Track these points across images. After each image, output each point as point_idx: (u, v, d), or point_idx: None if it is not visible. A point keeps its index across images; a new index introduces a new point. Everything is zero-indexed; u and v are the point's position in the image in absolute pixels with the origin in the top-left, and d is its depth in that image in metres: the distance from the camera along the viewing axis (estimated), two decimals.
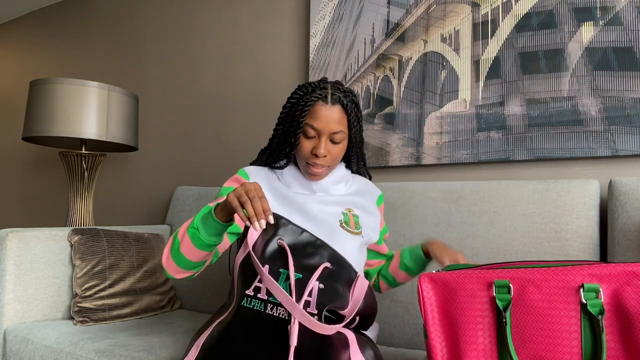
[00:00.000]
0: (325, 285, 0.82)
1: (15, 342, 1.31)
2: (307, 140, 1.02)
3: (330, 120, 0.99)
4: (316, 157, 1.01)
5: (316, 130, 1.00)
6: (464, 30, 1.49)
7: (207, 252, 0.92)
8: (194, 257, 0.92)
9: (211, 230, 0.88)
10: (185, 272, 0.96)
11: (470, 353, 0.74)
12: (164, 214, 2.22)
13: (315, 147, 1.00)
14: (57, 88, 1.79)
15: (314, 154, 1.01)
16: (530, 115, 1.38)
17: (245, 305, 0.82)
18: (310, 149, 1.01)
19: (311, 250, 0.87)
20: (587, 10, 1.32)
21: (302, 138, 1.02)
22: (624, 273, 0.68)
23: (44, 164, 2.76)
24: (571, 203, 1.20)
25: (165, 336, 1.27)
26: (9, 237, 1.37)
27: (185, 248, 0.91)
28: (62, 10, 2.75)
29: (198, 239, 0.89)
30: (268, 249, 0.85)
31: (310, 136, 1.01)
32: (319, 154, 0.99)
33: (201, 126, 2.13)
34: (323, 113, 0.99)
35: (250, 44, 2.00)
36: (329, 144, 1.01)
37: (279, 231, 0.88)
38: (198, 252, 0.91)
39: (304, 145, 1.02)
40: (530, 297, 0.71)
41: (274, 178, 1.08)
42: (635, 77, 1.25)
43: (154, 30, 2.33)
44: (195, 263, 0.94)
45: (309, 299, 0.81)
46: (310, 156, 1.01)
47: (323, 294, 0.81)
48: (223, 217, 0.88)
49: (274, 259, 0.84)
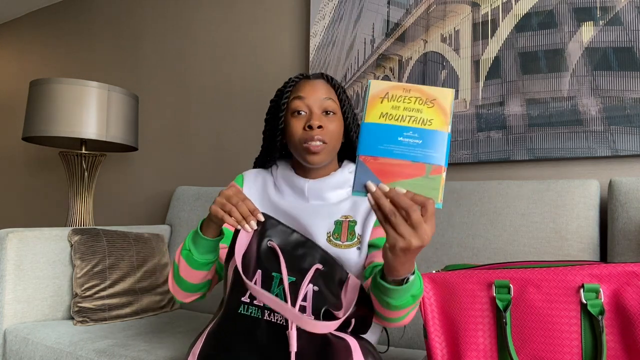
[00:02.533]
0: (319, 287, 0.80)
1: (15, 342, 1.31)
2: (296, 119, 0.94)
3: (317, 88, 0.94)
4: (311, 130, 0.92)
5: (303, 100, 0.93)
6: (464, 30, 1.49)
7: (205, 271, 0.89)
8: (195, 279, 0.89)
9: (203, 248, 0.86)
10: (193, 295, 0.93)
11: (471, 353, 0.74)
12: (164, 214, 2.22)
13: (308, 120, 0.92)
14: (57, 88, 1.79)
15: (307, 128, 0.92)
16: (530, 115, 1.38)
17: (243, 312, 0.80)
18: (302, 125, 0.93)
19: (302, 251, 0.84)
20: (587, 10, 1.32)
21: (291, 119, 0.94)
22: (624, 273, 0.68)
23: (44, 164, 2.76)
24: (571, 203, 1.20)
25: (165, 336, 1.27)
26: (9, 237, 1.37)
27: (184, 271, 0.88)
28: (62, 10, 2.75)
29: (192, 260, 0.86)
30: (260, 251, 0.83)
31: (300, 111, 0.94)
32: (313, 125, 0.91)
33: (201, 126, 2.13)
34: (308, 85, 0.95)
35: (251, 44, 2.00)
36: (322, 116, 0.94)
37: (268, 232, 0.84)
38: (197, 273, 0.88)
39: (295, 125, 0.94)
40: (531, 297, 0.71)
41: (269, 183, 1.03)
42: (635, 77, 1.25)
43: (154, 30, 2.33)
44: (199, 285, 0.91)
45: (304, 304, 0.79)
46: (303, 134, 0.93)
47: (318, 297, 0.79)
48: (212, 233, 0.85)
49: (266, 261, 0.82)
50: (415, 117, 0.65)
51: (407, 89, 0.65)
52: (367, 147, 0.65)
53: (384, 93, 0.65)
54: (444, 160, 0.64)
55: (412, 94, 0.65)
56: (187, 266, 0.87)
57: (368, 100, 0.65)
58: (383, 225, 0.64)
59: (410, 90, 0.65)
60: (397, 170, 0.64)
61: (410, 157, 0.65)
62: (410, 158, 0.64)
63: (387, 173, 0.64)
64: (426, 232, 0.62)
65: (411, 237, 0.61)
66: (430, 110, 0.65)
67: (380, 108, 0.65)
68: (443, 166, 0.64)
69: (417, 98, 0.65)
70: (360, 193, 0.64)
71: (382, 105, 0.65)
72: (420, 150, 0.65)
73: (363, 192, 0.64)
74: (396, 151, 0.65)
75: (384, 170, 0.64)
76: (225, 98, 2.06)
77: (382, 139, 0.65)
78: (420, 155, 0.65)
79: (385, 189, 0.63)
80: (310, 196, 0.97)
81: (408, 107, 0.65)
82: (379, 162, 0.65)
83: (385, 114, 0.65)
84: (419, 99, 0.65)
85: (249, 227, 0.80)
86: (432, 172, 0.65)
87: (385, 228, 0.63)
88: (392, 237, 0.62)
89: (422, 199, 0.62)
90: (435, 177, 0.65)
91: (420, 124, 0.65)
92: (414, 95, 0.65)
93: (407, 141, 0.65)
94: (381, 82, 0.65)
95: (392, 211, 0.62)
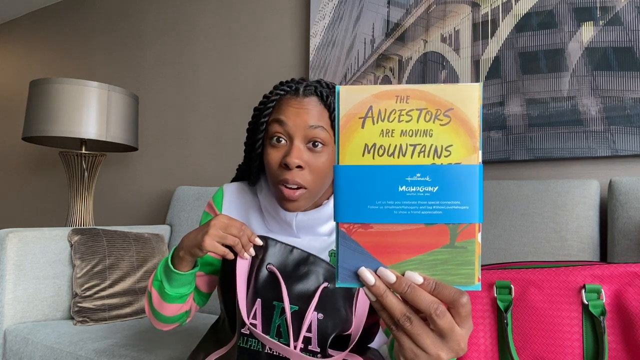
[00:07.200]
0: (324, 313, 0.73)
1: (15, 342, 1.31)
2: (273, 149, 0.73)
3: (303, 111, 0.71)
4: (287, 169, 0.71)
5: (283, 126, 0.72)
6: (464, 30, 1.49)
7: (180, 304, 0.80)
8: (168, 312, 0.80)
9: (176, 282, 0.76)
10: (171, 325, 0.85)
11: (471, 354, 0.74)
12: (164, 214, 2.22)
13: (285, 156, 0.71)
14: (57, 88, 1.79)
15: (283, 166, 0.71)
16: (530, 115, 1.38)
17: (242, 345, 0.74)
18: (278, 159, 0.72)
19: (304, 270, 0.75)
20: (587, 10, 1.32)
21: (268, 148, 0.74)
22: (625, 274, 0.68)
23: (44, 164, 2.76)
24: (571, 203, 1.20)
25: (165, 336, 1.27)
26: (9, 237, 1.37)
27: (157, 304, 0.79)
28: (62, 11, 2.75)
29: (164, 293, 0.77)
30: (259, 277, 0.74)
31: (278, 139, 0.73)
32: (290, 163, 0.69)
33: (201, 126, 2.13)
34: (292, 105, 0.72)
35: (250, 44, 2.00)
36: (304, 150, 0.72)
37: (268, 253, 0.76)
38: (170, 307, 0.79)
39: (271, 157, 0.73)
40: (532, 298, 0.71)
41: (254, 208, 0.85)
42: (635, 77, 1.25)
43: (153, 30, 2.33)
44: (174, 317, 0.82)
45: (308, 335, 0.71)
46: (279, 171, 0.72)
47: (324, 325, 0.72)
48: (187, 266, 0.75)
49: (266, 289, 0.74)
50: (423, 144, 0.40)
51: (402, 95, 0.40)
52: (348, 209, 0.40)
53: (365, 108, 0.40)
54: (478, 213, 0.39)
55: (412, 104, 0.39)
56: (159, 298, 0.78)
57: (341, 122, 0.40)
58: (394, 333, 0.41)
59: (409, 98, 0.40)
60: (403, 241, 0.40)
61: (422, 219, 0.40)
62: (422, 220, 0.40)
63: (387, 248, 0.41)
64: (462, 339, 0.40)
65: (439, 349, 0.40)
66: (446, 128, 0.40)
67: (361, 137, 0.40)
68: (477, 223, 0.40)
69: (421, 110, 0.40)
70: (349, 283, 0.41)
71: (365, 131, 0.40)
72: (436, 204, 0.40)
73: (355, 283, 0.41)
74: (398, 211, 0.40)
75: (382, 243, 0.41)
76: (225, 98, 2.06)
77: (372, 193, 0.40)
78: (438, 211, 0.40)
79: (391, 279, 0.40)
80: (299, 232, 0.79)
81: (408, 130, 0.40)
82: (371, 231, 0.40)
83: (372, 146, 0.40)
84: (426, 112, 0.40)
85: (247, 255, 0.74)
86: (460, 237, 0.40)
87: (397, 337, 0.41)
88: (409, 351, 0.40)
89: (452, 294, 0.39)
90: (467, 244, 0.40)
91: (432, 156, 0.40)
92: (415, 107, 0.40)
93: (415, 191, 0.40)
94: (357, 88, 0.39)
95: (404, 316, 0.40)
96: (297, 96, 0.73)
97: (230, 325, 0.80)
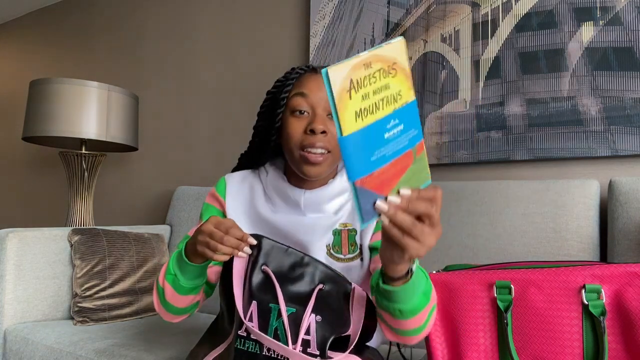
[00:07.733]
0: (322, 315, 0.73)
1: (15, 342, 1.31)
2: (296, 119, 0.81)
3: (322, 86, 0.80)
4: (313, 134, 0.78)
5: (306, 98, 0.80)
6: (464, 30, 1.49)
7: (193, 295, 0.82)
8: (182, 304, 0.83)
9: (190, 274, 0.79)
10: (181, 316, 0.88)
11: (471, 354, 0.74)
12: (164, 214, 2.22)
13: (310, 123, 0.79)
14: (57, 88, 1.79)
15: (309, 131, 0.79)
16: (530, 115, 1.38)
17: (240, 347, 0.74)
18: (302, 128, 0.80)
19: (299, 272, 0.76)
20: (587, 10, 1.32)
21: (290, 119, 0.81)
22: (625, 274, 0.68)
23: (44, 164, 2.76)
24: (571, 203, 1.20)
25: (165, 336, 1.27)
26: (9, 237, 1.37)
27: (170, 296, 0.81)
28: (62, 10, 2.75)
29: (179, 285, 0.79)
30: (253, 280, 0.75)
31: (301, 111, 0.81)
32: (316, 129, 0.77)
33: (201, 126, 2.13)
34: (313, 80, 0.82)
35: (250, 44, 2.00)
36: (327, 119, 0.80)
37: (261, 255, 0.76)
38: (184, 298, 0.82)
39: (294, 126, 0.81)
40: (532, 298, 0.71)
41: (258, 192, 0.90)
42: (635, 77, 1.25)
43: (153, 30, 2.33)
44: (187, 308, 0.85)
45: (307, 338, 0.72)
46: (303, 138, 0.80)
47: (322, 327, 0.73)
48: (198, 260, 0.77)
49: (261, 291, 0.74)
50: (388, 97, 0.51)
51: (366, 63, 0.48)
52: (358, 168, 0.49)
53: (347, 82, 0.47)
54: (421, 132, 0.54)
55: (374, 66, 0.49)
56: (173, 291, 0.81)
57: (335, 100, 0.47)
58: (401, 241, 0.53)
59: (371, 64, 0.49)
60: (391, 173, 0.52)
61: (399, 152, 0.52)
62: (400, 152, 0.53)
63: (384, 182, 0.52)
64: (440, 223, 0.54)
65: (432, 238, 0.54)
66: (395, 79, 0.51)
67: (351, 106, 0.48)
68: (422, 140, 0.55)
69: (380, 70, 0.50)
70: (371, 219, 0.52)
71: (353, 101, 0.48)
72: (405, 137, 0.53)
73: (374, 215, 0.52)
74: (388, 153, 0.52)
75: (383, 181, 0.52)
76: (225, 98, 2.06)
77: (371, 148, 0.50)
78: (406, 142, 0.53)
79: (397, 201, 0.52)
80: (307, 209, 0.86)
81: (377, 88, 0.50)
82: (375, 176, 0.51)
83: (360, 111, 0.48)
84: (382, 71, 0.50)
85: (243, 254, 0.74)
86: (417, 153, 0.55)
87: (405, 242, 0.53)
88: (414, 249, 0.53)
89: (432, 192, 0.52)
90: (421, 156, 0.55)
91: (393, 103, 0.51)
92: (377, 69, 0.49)
93: (393, 134, 0.52)
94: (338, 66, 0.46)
95: (412, 222, 0.52)
96: (315, 73, 0.83)
97: (229, 321, 0.80)
